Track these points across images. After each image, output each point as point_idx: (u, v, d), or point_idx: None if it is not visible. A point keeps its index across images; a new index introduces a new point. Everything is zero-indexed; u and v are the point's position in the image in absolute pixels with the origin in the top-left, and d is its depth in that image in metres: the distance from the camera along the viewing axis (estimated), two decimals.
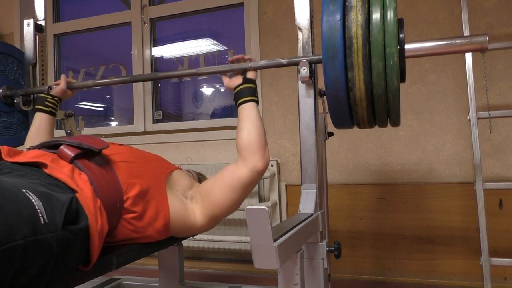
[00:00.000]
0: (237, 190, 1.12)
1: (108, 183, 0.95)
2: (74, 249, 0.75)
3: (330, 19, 1.08)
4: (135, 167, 1.06)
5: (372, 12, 1.06)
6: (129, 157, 1.09)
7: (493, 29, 2.06)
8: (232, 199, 1.13)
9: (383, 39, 1.04)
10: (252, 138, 1.14)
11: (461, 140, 2.11)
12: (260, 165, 1.12)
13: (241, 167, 1.12)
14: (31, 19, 1.76)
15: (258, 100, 1.24)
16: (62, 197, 0.76)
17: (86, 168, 0.93)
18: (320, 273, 1.16)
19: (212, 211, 1.13)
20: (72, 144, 0.96)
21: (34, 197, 0.68)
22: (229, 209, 1.15)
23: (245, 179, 1.12)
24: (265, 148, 1.15)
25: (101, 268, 0.89)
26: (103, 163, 0.99)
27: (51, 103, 1.50)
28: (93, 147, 0.97)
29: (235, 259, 2.48)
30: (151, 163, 1.15)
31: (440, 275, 2.10)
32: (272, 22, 2.48)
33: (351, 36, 1.05)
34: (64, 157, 0.93)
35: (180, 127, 2.76)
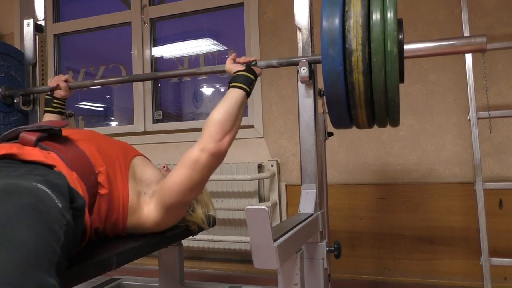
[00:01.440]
0: (188, 167, 1.07)
1: (77, 158, 0.97)
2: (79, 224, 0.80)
3: (329, 19, 1.08)
4: (97, 145, 1.08)
5: (372, 12, 1.06)
6: (92, 137, 1.11)
7: (493, 29, 2.06)
8: (184, 177, 1.07)
9: (383, 39, 1.04)
10: (216, 120, 1.10)
11: (461, 140, 2.11)
12: (211, 147, 1.07)
13: (195, 146, 1.10)
14: (31, 19, 1.76)
15: (249, 92, 1.19)
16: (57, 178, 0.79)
17: (52, 147, 0.95)
18: (320, 273, 1.16)
19: (164, 195, 1.08)
20: (32, 129, 0.97)
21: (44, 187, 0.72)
22: (179, 190, 1.08)
23: (194, 157, 1.07)
24: (226, 135, 1.09)
25: (101, 268, 0.89)
26: (67, 141, 1.02)
27: (58, 104, 1.55)
28: (53, 126, 0.99)
29: (235, 259, 2.48)
30: (114, 143, 1.17)
31: (440, 275, 2.10)
32: (272, 22, 2.48)
33: (350, 36, 1.05)
34: (27, 142, 0.94)
35: (180, 127, 2.76)
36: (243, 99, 1.17)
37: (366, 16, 1.06)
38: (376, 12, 1.05)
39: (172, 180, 1.08)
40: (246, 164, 2.39)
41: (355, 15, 1.06)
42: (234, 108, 1.13)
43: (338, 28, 1.06)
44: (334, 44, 1.06)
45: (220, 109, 1.12)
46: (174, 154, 2.62)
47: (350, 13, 1.07)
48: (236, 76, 1.21)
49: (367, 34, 1.05)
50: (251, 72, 1.22)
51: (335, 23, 1.07)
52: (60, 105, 1.54)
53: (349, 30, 1.06)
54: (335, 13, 1.08)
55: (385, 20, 1.04)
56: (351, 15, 1.06)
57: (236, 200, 2.41)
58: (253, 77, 1.22)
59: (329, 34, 1.07)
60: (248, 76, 1.21)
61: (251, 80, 1.21)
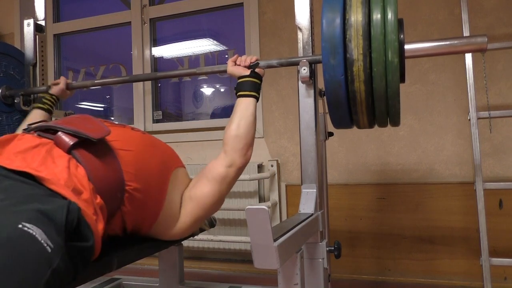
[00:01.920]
0: (217, 184, 1.09)
1: (108, 174, 0.91)
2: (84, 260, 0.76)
3: (330, 19, 1.08)
4: (140, 155, 1.02)
5: (373, 12, 1.06)
6: (135, 146, 1.04)
7: (493, 29, 2.06)
8: (214, 194, 1.09)
9: (383, 39, 1.04)
10: (240, 134, 1.12)
11: (461, 140, 2.11)
12: (239, 162, 1.10)
13: (221, 161, 1.10)
14: (31, 19, 1.76)
15: (259, 97, 1.22)
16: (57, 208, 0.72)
17: (84, 159, 0.88)
18: (320, 273, 1.16)
19: (194, 211, 1.09)
20: (69, 132, 0.91)
21: (32, 227, 0.65)
22: (211, 206, 1.11)
23: (223, 173, 1.09)
24: (249, 147, 1.14)
25: (101, 268, 0.89)
26: (105, 151, 0.94)
27: (49, 101, 1.51)
28: (91, 137, 0.91)
29: (235, 259, 2.48)
30: (158, 155, 1.11)
31: (440, 275, 2.10)
32: (272, 22, 2.47)
33: (351, 36, 1.05)
34: (62, 145, 0.89)
35: (180, 127, 2.76)
36: (255, 107, 1.19)
37: (366, 15, 1.06)
38: (377, 12, 1.05)
39: (203, 196, 1.09)
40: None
41: (356, 14, 1.06)
42: (251, 120, 1.16)
43: (339, 27, 1.06)
44: (335, 54, 1.06)
45: (240, 124, 1.14)
46: None
47: (350, 13, 1.07)
48: (244, 83, 1.21)
49: (368, 33, 1.05)
50: (256, 77, 1.22)
51: (336, 23, 1.07)
52: (51, 102, 1.51)
53: (350, 40, 1.05)
54: (335, 13, 1.08)
55: (385, 20, 1.04)
56: (352, 15, 1.06)
57: (236, 200, 2.41)
58: (259, 81, 1.23)
59: (329, 33, 1.07)
60: (255, 81, 1.22)
61: (258, 85, 1.22)
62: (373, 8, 1.06)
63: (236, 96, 1.21)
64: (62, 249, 0.68)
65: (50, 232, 0.66)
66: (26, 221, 0.65)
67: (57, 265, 0.66)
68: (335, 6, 1.09)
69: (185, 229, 1.11)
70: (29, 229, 0.64)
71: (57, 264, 0.66)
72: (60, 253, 0.67)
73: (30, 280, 0.61)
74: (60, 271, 0.67)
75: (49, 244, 0.65)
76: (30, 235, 0.64)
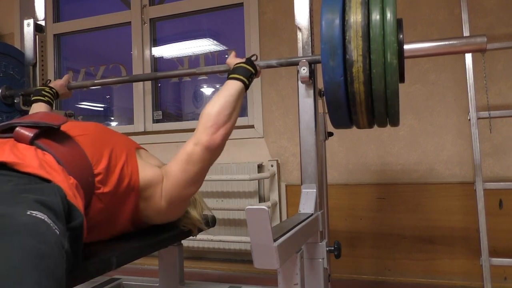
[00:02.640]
0: (186, 163, 1.07)
1: (75, 158, 0.91)
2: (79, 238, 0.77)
3: (329, 19, 1.08)
4: (99, 138, 1.03)
5: (372, 12, 1.06)
6: (92, 130, 1.05)
7: (493, 29, 2.06)
8: (184, 172, 1.07)
9: (383, 39, 1.04)
10: (212, 112, 1.09)
11: (461, 140, 2.11)
12: (204, 140, 1.06)
13: (190, 139, 1.09)
14: (31, 19, 1.76)
15: (247, 84, 1.18)
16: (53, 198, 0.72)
17: (49, 147, 0.88)
18: (320, 273, 1.16)
19: (169, 187, 1.07)
20: (28, 124, 0.90)
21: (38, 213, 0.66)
22: (185, 184, 1.07)
23: (189, 151, 1.07)
24: (220, 128, 1.08)
25: (101, 268, 0.89)
26: (65, 138, 0.94)
27: (48, 93, 1.49)
28: (51, 124, 0.91)
29: (235, 259, 2.48)
30: (117, 136, 1.12)
31: (440, 275, 2.10)
32: (272, 22, 2.48)
33: (350, 36, 1.05)
34: (22, 139, 0.88)
35: (180, 127, 2.76)
36: (241, 91, 1.15)
37: (366, 16, 1.06)
38: (376, 12, 1.05)
39: (172, 173, 1.07)
40: (246, 164, 2.39)
41: (355, 15, 1.06)
42: (230, 101, 1.11)
43: (338, 28, 1.06)
44: (335, 54, 1.06)
45: (215, 102, 1.11)
46: (174, 154, 2.60)
47: (350, 13, 1.07)
48: (236, 67, 1.21)
49: (367, 34, 1.05)
50: (250, 65, 1.21)
51: (335, 23, 1.07)
52: (50, 94, 1.49)
53: (350, 40, 1.05)
54: (335, 13, 1.08)
55: (384, 20, 1.04)
56: (351, 15, 1.06)
57: (236, 200, 2.41)
58: (252, 70, 1.21)
59: (329, 34, 1.07)
60: (248, 68, 1.20)
61: (251, 73, 1.20)
62: (372, 8, 1.06)
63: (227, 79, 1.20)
64: (66, 233, 0.70)
65: (53, 218, 0.67)
66: (30, 208, 0.66)
67: (67, 247, 0.68)
68: (334, 6, 1.09)
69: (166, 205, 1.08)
70: (37, 215, 0.65)
71: (66, 246, 0.68)
72: (66, 236, 0.69)
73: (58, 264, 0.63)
74: (69, 253, 0.69)
75: (56, 228, 0.67)
76: (41, 219, 0.65)
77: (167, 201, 1.08)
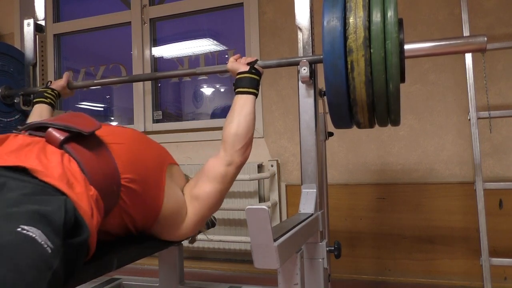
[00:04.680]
0: (219, 183, 1.10)
1: (102, 166, 0.90)
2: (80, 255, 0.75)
3: (330, 19, 1.08)
4: (134, 150, 1.02)
5: (373, 12, 1.06)
6: (128, 140, 1.04)
7: (493, 29, 2.06)
8: (216, 193, 1.10)
9: (383, 39, 1.04)
10: (240, 133, 1.12)
11: (461, 140, 2.11)
12: (238, 161, 1.11)
13: (221, 160, 1.11)
14: (31, 19, 1.76)
15: (258, 93, 1.21)
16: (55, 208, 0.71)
17: (77, 153, 0.87)
18: (320, 273, 1.16)
19: (199, 210, 1.09)
20: (60, 127, 0.90)
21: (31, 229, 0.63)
22: (214, 205, 1.12)
23: (223, 172, 1.10)
24: (249, 146, 1.14)
25: (101, 268, 0.89)
26: (97, 145, 0.93)
27: (50, 95, 1.50)
28: (82, 130, 0.90)
29: (235, 259, 2.48)
30: (152, 148, 1.11)
31: (440, 275, 2.10)
32: (272, 22, 2.47)
33: (351, 36, 1.05)
34: (53, 141, 0.87)
35: (180, 127, 2.76)
36: (254, 104, 1.18)
37: (367, 15, 1.06)
38: (377, 12, 1.05)
39: (206, 195, 1.09)
40: (246, 164, 2.35)
41: (356, 14, 1.06)
42: (251, 118, 1.16)
43: (339, 27, 1.06)
44: (336, 54, 1.06)
45: (240, 121, 1.13)
46: (174, 154, 2.59)
47: (351, 13, 1.07)
48: (242, 79, 1.21)
49: (368, 33, 1.05)
50: (255, 73, 1.22)
51: (336, 22, 1.07)
52: (52, 96, 1.49)
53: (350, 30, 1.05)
54: (336, 13, 1.08)
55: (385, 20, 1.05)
56: (352, 15, 1.07)
57: (236, 200, 2.41)
58: (258, 78, 1.22)
59: (330, 33, 1.07)
60: (254, 77, 1.21)
61: (257, 81, 1.21)
62: (373, 8, 1.06)
63: (235, 93, 1.20)
64: (61, 249, 0.67)
65: (49, 233, 0.66)
66: (24, 223, 0.64)
67: (57, 266, 0.65)
68: (335, 6, 1.09)
69: (192, 228, 1.11)
70: (28, 231, 0.63)
71: (57, 265, 0.65)
72: (59, 254, 0.67)
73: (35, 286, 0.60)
74: (59, 271, 0.66)
75: (49, 245, 0.64)
76: (30, 237, 0.63)
77: (195, 224, 1.10)
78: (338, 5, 1.09)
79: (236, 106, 1.16)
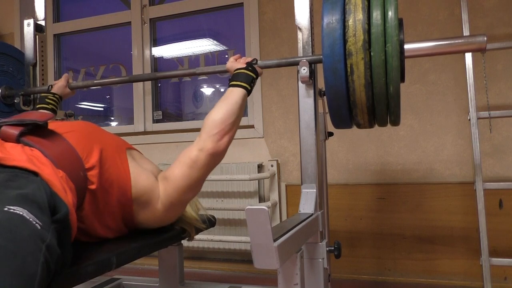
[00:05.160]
0: (189, 168, 1.06)
1: (63, 153, 0.91)
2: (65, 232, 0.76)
3: (330, 19, 1.08)
4: (88, 135, 1.03)
5: (373, 12, 1.06)
6: (80, 128, 1.04)
7: (493, 29, 2.06)
8: (186, 177, 1.06)
9: (384, 39, 1.04)
10: (217, 119, 1.09)
11: (461, 140, 2.11)
12: (210, 147, 1.06)
13: (194, 145, 1.08)
14: (31, 19, 1.76)
15: (250, 90, 1.19)
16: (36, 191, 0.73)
17: (36, 143, 0.88)
18: (320, 273, 1.16)
19: (168, 191, 1.06)
20: (14, 123, 0.90)
21: (17, 208, 0.65)
22: (185, 189, 1.07)
23: (194, 157, 1.06)
24: (225, 135, 1.08)
25: (101, 268, 0.89)
26: (53, 135, 0.95)
27: (52, 100, 1.52)
28: (37, 120, 0.92)
29: (235, 259, 2.48)
30: (106, 134, 1.12)
31: (440, 275, 2.10)
32: (272, 22, 2.48)
33: (351, 36, 1.05)
34: (9, 137, 0.88)
35: (180, 127, 2.76)
36: (244, 98, 1.16)
37: (366, 15, 1.06)
38: (377, 12, 1.05)
39: (175, 177, 1.07)
40: (246, 164, 2.39)
41: (356, 14, 1.06)
42: (234, 108, 1.12)
43: (339, 27, 1.06)
44: (336, 54, 1.06)
45: (220, 109, 1.11)
46: (174, 154, 2.62)
47: (351, 13, 1.07)
48: (237, 74, 1.20)
49: (368, 33, 1.05)
50: (251, 70, 1.21)
51: (336, 22, 1.07)
52: (54, 101, 1.52)
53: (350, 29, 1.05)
54: (336, 13, 1.08)
55: (385, 20, 1.04)
56: (352, 15, 1.06)
57: (236, 200, 2.41)
58: (253, 75, 1.21)
59: (329, 33, 1.07)
60: (249, 74, 1.20)
61: (252, 78, 1.20)
62: (373, 8, 1.06)
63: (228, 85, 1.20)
64: (50, 226, 0.69)
65: (35, 212, 0.67)
66: (9, 204, 0.65)
67: (50, 240, 0.67)
68: (335, 6, 1.09)
69: (164, 209, 1.08)
70: (14, 210, 0.64)
71: (49, 239, 0.67)
72: (49, 229, 0.68)
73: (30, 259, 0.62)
74: (53, 245, 0.68)
75: (38, 222, 0.66)
76: (18, 215, 0.64)
77: (166, 205, 1.08)
78: (337, 7, 1.09)
79: (223, 97, 1.16)
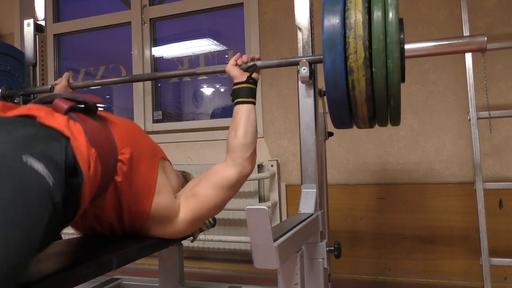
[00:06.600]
0: (224, 189, 1.10)
1: (103, 137, 0.94)
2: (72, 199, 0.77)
3: (330, 19, 1.08)
4: (130, 133, 1.05)
5: (373, 12, 1.06)
6: (126, 124, 1.08)
7: (493, 29, 2.06)
8: (218, 198, 1.10)
9: (384, 39, 1.04)
10: (248, 142, 1.13)
11: (461, 140, 2.11)
12: (248, 169, 1.12)
13: (230, 168, 1.11)
14: (31, 19, 1.76)
15: (255, 101, 1.23)
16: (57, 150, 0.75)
17: (81, 120, 0.91)
18: (320, 273, 1.16)
19: (196, 208, 1.08)
20: (67, 97, 0.95)
21: (34, 161, 0.66)
22: (214, 208, 1.11)
23: (232, 180, 1.10)
24: (255, 153, 1.15)
25: (101, 268, 0.89)
26: (99, 119, 0.98)
27: None
28: (88, 101, 0.96)
29: (235, 259, 2.48)
30: (147, 139, 1.14)
31: (440, 275, 2.10)
32: (272, 22, 2.48)
33: (351, 36, 1.05)
34: (59, 109, 0.91)
35: (180, 127, 2.76)
36: (255, 112, 1.20)
37: (367, 15, 1.06)
38: (378, 12, 1.05)
39: (208, 197, 1.09)
40: None
41: (357, 14, 1.06)
42: (254, 127, 1.17)
43: (339, 27, 1.06)
44: (336, 54, 1.06)
45: (247, 130, 1.14)
46: (174, 154, 2.62)
47: (351, 13, 1.07)
48: (241, 89, 1.21)
49: (368, 33, 1.05)
50: (252, 83, 1.23)
51: (336, 23, 1.07)
52: None
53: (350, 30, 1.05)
54: (336, 13, 1.08)
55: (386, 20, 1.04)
56: (352, 15, 1.06)
57: (236, 200, 2.41)
58: (255, 87, 1.24)
59: (330, 33, 1.07)
60: (252, 87, 1.22)
61: (254, 90, 1.23)
62: (373, 8, 1.06)
63: (234, 103, 1.21)
64: (63, 186, 0.71)
65: (51, 168, 0.68)
66: (28, 154, 0.66)
67: (57, 200, 0.68)
68: (335, 6, 1.09)
69: (185, 226, 1.09)
70: (31, 162, 0.66)
71: (58, 199, 0.68)
72: (60, 189, 0.69)
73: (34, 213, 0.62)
74: (60, 206, 0.69)
75: (51, 179, 0.67)
76: (32, 168, 0.65)
77: (189, 222, 1.09)
78: (338, 5, 1.09)
79: (239, 116, 1.17)
